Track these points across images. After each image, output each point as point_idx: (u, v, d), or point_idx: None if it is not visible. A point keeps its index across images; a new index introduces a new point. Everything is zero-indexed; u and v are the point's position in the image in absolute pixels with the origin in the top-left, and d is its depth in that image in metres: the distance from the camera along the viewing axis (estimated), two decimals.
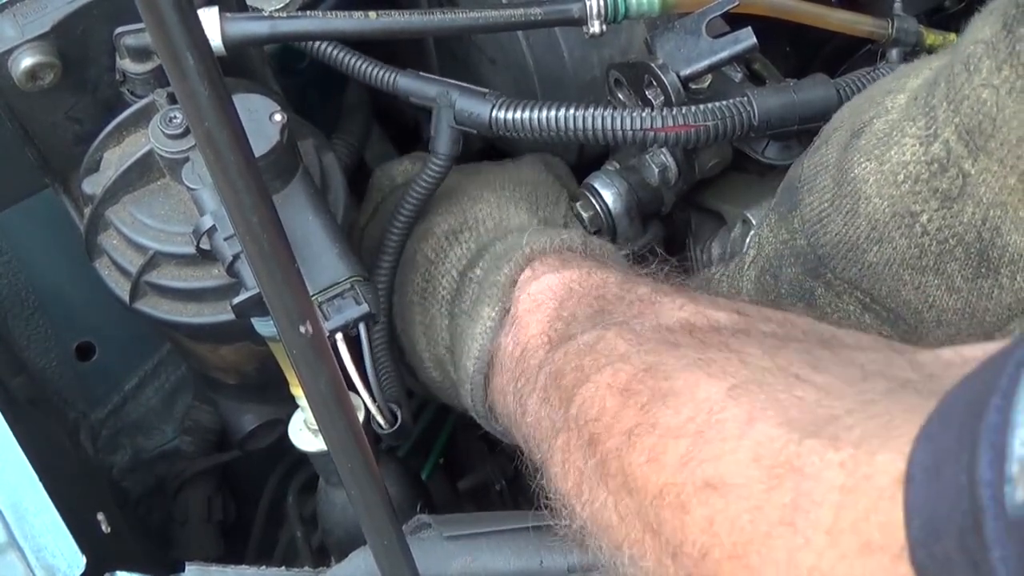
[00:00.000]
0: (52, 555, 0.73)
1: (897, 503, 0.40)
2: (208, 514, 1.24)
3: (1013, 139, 0.56)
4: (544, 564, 0.72)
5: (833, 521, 0.43)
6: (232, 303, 0.75)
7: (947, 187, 0.60)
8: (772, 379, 0.51)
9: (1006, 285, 0.60)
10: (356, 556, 0.72)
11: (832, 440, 0.45)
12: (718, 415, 0.51)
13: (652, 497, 0.52)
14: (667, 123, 0.82)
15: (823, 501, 0.44)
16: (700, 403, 0.52)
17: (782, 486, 0.46)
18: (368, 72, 0.90)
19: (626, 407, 0.56)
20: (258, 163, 0.44)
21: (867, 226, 0.65)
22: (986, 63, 0.56)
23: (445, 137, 0.87)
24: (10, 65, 0.82)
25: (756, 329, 0.59)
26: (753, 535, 0.46)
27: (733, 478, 0.48)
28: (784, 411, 0.49)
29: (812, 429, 0.47)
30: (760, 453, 0.48)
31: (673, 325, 0.62)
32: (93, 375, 1.21)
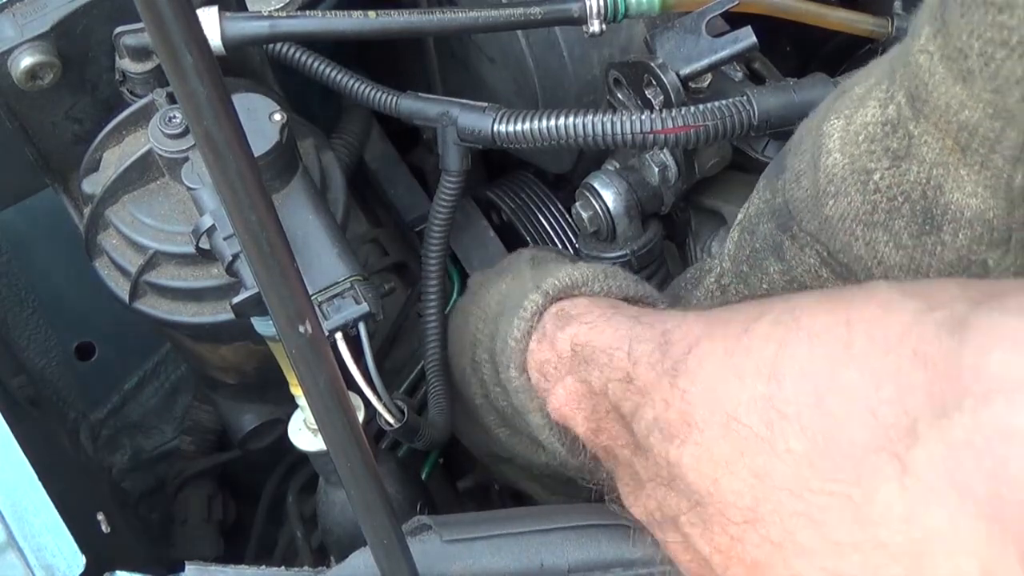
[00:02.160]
0: (52, 555, 0.73)
1: None
2: (208, 514, 1.24)
3: (942, 104, 0.57)
4: (544, 566, 0.72)
5: None
6: (232, 303, 0.75)
7: (896, 146, 0.62)
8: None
9: (948, 242, 0.61)
10: (356, 557, 0.72)
11: None
12: None
13: None
14: (667, 125, 0.82)
15: None
16: None
17: None
18: (369, 95, 0.91)
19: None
20: (257, 163, 0.44)
21: (825, 180, 0.67)
22: (925, 29, 0.58)
23: (453, 155, 0.89)
24: (10, 65, 0.82)
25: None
26: None
27: None
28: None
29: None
30: None
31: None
32: (93, 375, 1.21)
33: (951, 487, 0.46)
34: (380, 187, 1.21)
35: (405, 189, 1.20)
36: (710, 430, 0.58)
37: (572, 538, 0.72)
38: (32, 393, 1.10)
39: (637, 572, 0.70)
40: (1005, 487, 0.44)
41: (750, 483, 0.55)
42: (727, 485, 0.57)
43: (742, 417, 0.56)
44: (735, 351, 0.59)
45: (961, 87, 0.55)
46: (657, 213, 0.96)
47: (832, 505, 0.51)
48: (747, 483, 0.55)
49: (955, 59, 0.55)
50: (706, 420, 0.59)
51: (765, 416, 0.55)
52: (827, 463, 0.51)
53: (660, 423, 0.62)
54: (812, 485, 0.52)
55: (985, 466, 0.44)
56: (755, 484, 0.55)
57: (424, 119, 0.89)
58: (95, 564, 0.73)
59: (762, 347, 0.57)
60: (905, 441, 0.48)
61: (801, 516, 0.52)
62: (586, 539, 0.72)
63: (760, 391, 0.55)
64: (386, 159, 1.22)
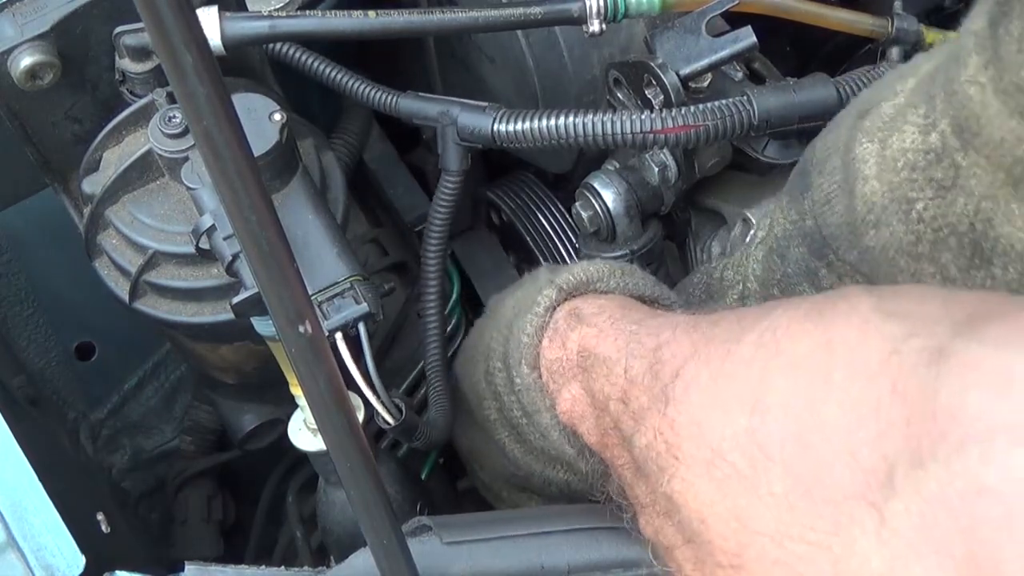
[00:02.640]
0: (52, 555, 0.73)
1: None
2: (208, 514, 1.23)
3: (997, 137, 0.56)
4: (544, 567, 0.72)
5: None
6: (231, 302, 0.75)
7: (941, 176, 0.60)
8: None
9: (998, 276, 0.60)
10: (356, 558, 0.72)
11: None
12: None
13: None
14: (667, 124, 0.82)
15: None
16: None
17: None
18: (369, 95, 0.91)
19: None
20: (257, 163, 0.44)
21: (864, 208, 0.65)
22: (974, 59, 0.56)
23: (453, 154, 0.89)
24: (10, 65, 0.82)
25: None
26: None
27: None
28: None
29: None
30: None
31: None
32: (93, 375, 1.21)
33: (928, 545, 0.45)
34: (380, 187, 1.21)
35: (405, 189, 1.20)
36: (696, 466, 0.57)
37: (572, 540, 0.72)
38: (32, 393, 1.10)
39: (637, 574, 0.70)
40: (979, 548, 0.43)
41: (733, 526, 0.55)
42: (713, 526, 0.56)
43: (726, 454, 0.55)
44: (719, 376, 0.58)
45: (1018, 122, 0.54)
46: (657, 213, 0.96)
47: (811, 556, 0.50)
48: (731, 526, 0.55)
49: (1012, 94, 0.54)
50: (692, 455, 0.58)
51: (748, 453, 0.54)
52: (807, 509, 0.51)
53: (652, 452, 0.61)
54: (792, 532, 0.51)
55: (960, 525, 0.44)
56: (738, 528, 0.54)
57: (424, 119, 0.89)
58: (95, 564, 0.73)
59: (745, 374, 0.56)
60: (883, 491, 0.47)
61: (782, 565, 0.52)
62: (586, 541, 0.72)
63: (743, 425, 0.55)
64: (386, 159, 1.22)
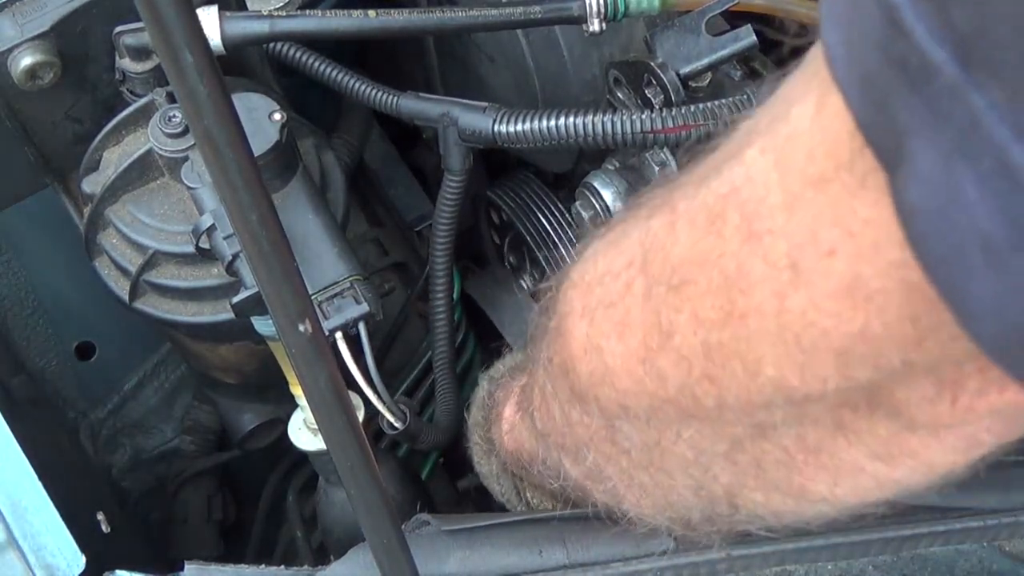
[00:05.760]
0: (52, 554, 0.73)
1: (834, 111, 0.40)
2: (208, 514, 1.23)
3: None
4: (543, 555, 0.72)
5: (783, 196, 0.43)
6: (231, 302, 0.75)
7: None
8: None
9: None
10: (354, 554, 0.72)
11: (736, 155, 0.46)
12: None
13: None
14: (667, 124, 0.82)
15: (769, 205, 0.44)
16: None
17: (721, 221, 0.47)
18: (370, 95, 0.91)
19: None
20: (257, 162, 0.44)
21: None
22: None
23: (455, 154, 0.89)
24: (10, 64, 0.82)
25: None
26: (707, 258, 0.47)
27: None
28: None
29: (712, 175, 0.48)
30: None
31: None
32: (93, 375, 1.21)
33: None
34: (380, 187, 1.21)
35: (405, 189, 1.20)
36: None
37: (571, 528, 0.72)
38: (32, 393, 1.10)
39: (637, 566, 0.70)
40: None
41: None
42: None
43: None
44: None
45: None
46: None
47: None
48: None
49: None
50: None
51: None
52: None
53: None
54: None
55: None
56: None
57: (425, 119, 0.89)
58: (95, 564, 0.73)
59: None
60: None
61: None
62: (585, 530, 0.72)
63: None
64: (386, 159, 1.22)
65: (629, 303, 0.53)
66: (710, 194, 0.48)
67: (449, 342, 0.95)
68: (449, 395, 0.93)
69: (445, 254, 0.94)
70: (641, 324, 0.53)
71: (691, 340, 0.50)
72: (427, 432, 0.88)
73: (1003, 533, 0.73)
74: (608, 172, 0.95)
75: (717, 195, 0.47)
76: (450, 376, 0.94)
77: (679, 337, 0.50)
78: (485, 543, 0.72)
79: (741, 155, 0.46)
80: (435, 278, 0.94)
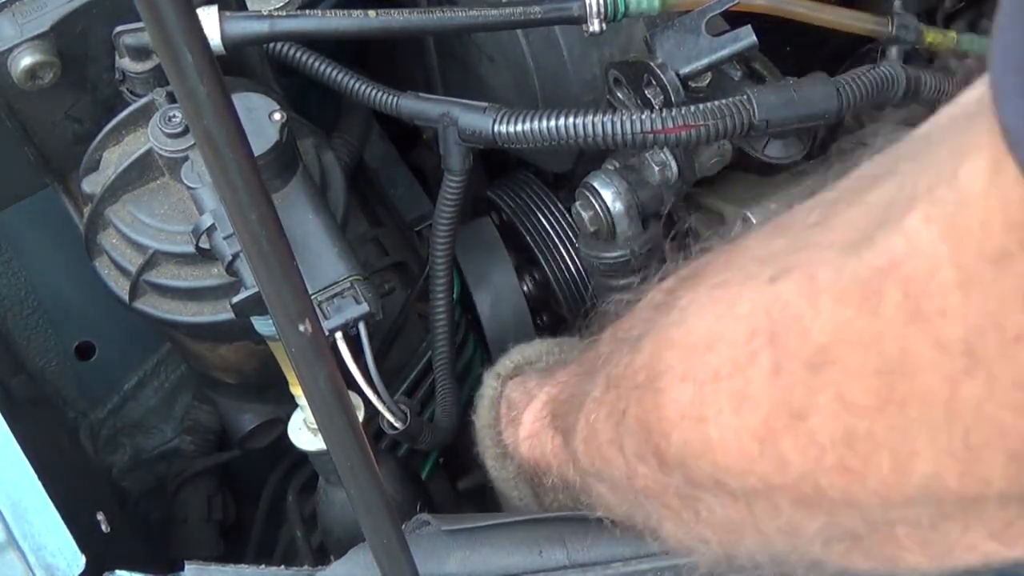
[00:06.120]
0: (52, 554, 0.73)
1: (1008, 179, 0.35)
2: (208, 514, 1.23)
3: None
4: (543, 556, 0.72)
5: (956, 272, 0.38)
6: (231, 302, 0.75)
7: None
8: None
9: None
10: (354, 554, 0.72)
11: (894, 222, 0.41)
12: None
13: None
14: (667, 124, 0.82)
15: (939, 282, 0.39)
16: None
17: (877, 298, 0.42)
18: (370, 95, 0.91)
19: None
20: (257, 162, 0.44)
21: None
22: None
23: (455, 154, 0.89)
24: (9, 64, 0.82)
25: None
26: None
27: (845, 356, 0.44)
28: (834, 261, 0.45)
29: (862, 243, 0.43)
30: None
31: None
32: (93, 375, 1.21)
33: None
34: (380, 187, 1.21)
35: (405, 189, 1.20)
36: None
37: (571, 528, 0.72)
38: (32, 393, 1.10)
39: (637, 567, 0.70)
40: None
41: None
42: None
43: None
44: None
45: None
46: (657, 213, 0.96)
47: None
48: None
49: None
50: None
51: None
52: None
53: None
54: None
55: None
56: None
57: (425, 120, 0.89)
58: (95, 564, 0.73)
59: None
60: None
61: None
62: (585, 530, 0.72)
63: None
64: (386, 159, 1.22)
65: (752, 376, 0.48)
66: (863, 266, 0.43)
67: (449, 342, 0.95)
68: (449, 395, 0.93)
69: (445, 254, 0.94)
70: (767, 401, 0.48)
71: (830, 425, 0.45)
72: (427, 432, 0.88)
73: None
74: (608, 172, 0.95)
75: (872, 268, 0.42)
76: (450, 376, 0.94)
77: (815, 420, 0.45)
78: (485, 543, 0.72)
79: (900, 222, 0.41)
80: (435, 278, 0.94)
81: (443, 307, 0.95)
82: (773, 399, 0.47)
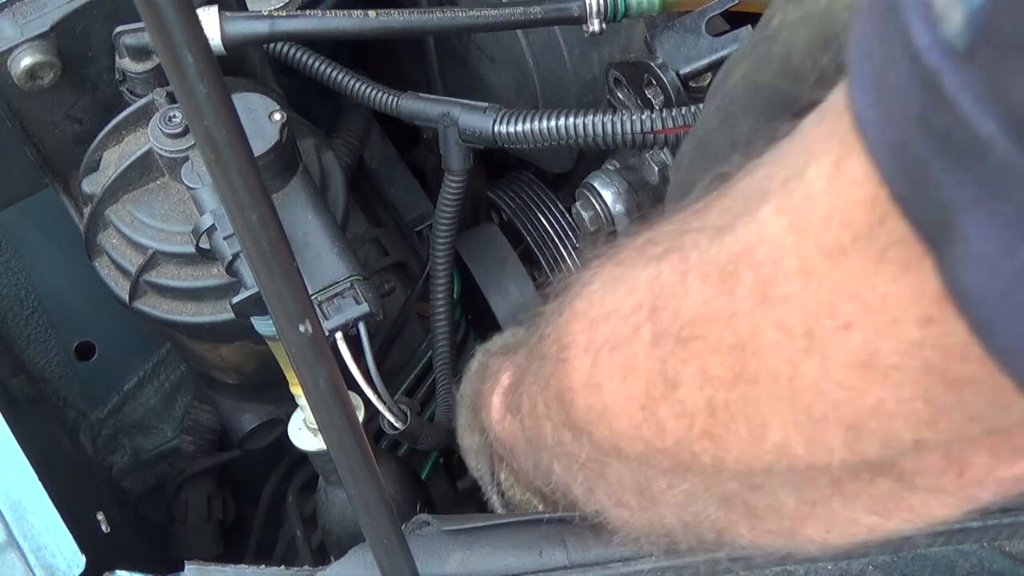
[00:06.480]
0: (52, 554, 0.73)
1: (860, 174, 0.38)
2: (208, 514, 1.23)
3: None
4: (543, 556, 0.72)
5: (798, 262, 0.42)
6: (232, 302, 0.75)
7: None
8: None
9: None
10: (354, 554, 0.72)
11: (752, 211, 0.44)
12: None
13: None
14: (667, 125, 0.82)
15: (784, 270, 0.42)
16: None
17: (734, 280, 0.45)
18: (370, 95, 0.91)
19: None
20: (257, 162, 0.44)
21: None
22: None
23: (455, 154, 0.89)
24: (10, 64, 0.82)
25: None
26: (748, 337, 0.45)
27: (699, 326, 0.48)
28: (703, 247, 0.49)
29: (726, 229, 0.47)
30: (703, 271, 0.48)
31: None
32: (93, 375, 1.21)
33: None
34: (380, 187, 1.21)
35: (405, 189, 1.20)
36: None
37: (571, 529, 0.72)
38: (32, 393, 1.10)
39: (637, 567, 0.70)
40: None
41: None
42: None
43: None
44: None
45: None
46: None
47: None
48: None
49: None
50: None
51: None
52: None
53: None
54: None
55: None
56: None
57: (425, 120, 0.90)
58: (95, 564, 0.73)
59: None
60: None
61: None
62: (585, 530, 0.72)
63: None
64: (386, 159, 1.22)
65: (636, 347, 0.52)
66: (723, 250, 0.46)
67: (449, 342, 0.95)
68: (449, 395, 0.93)
69: (445, 254, 0.94)
70: (646, 371, 0.51)
71: (696, 396, 0.49)
72: (427, 432, 0.88)
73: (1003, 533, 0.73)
74: (608, 172, 0.95)
75: (731, 252, 0.46)
76: (450, 376, 0.94)
77: (684, 390, 0.49)
78: (485, 543, 0.72)
79: (756, 212, 0.44)
80: (435, 278, 0.94)
81: (443, 307, 0.95)
82: (652, 369, 0.51)
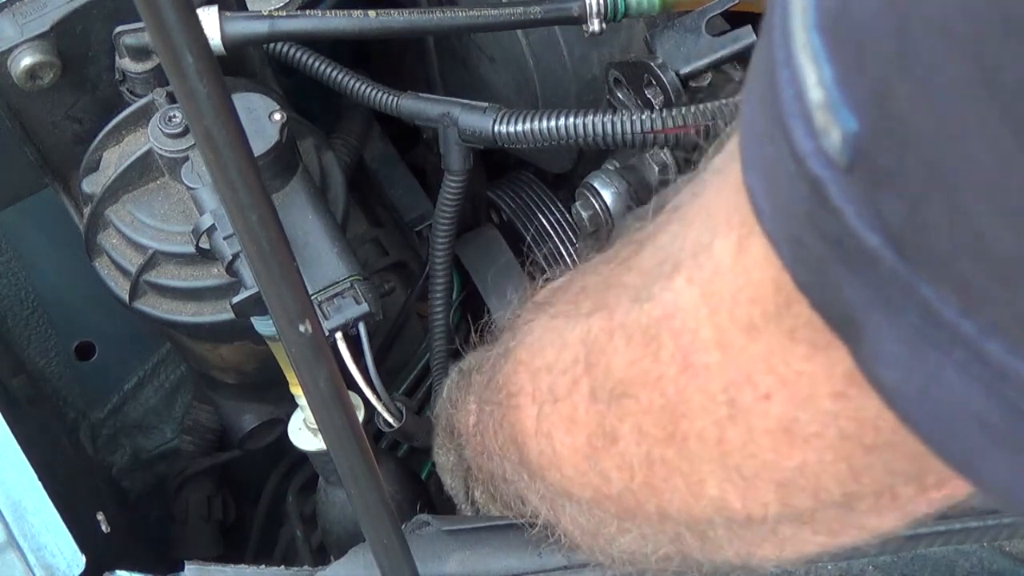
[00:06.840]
0: (52, 554, 0.73)
1: (758, 253, 0.38)
2: (208, 514, 1.23)
3: None
4: (543, 556, 0.72)
5: (715, 334, 0.42)
6: (232, 302, 0.75)
7: None
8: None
9: None
10: (354, 554, 0.72)
11: (667, 277, 0.45)
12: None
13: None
14: (667, 124, 0.82)
15: (701, 339, 0.43)
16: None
17: (656, 344, 0.46)
18: (370, 95, 0.91)
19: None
20: (257, 162, 0.44)
21: None
22: None
23: (455, 154, 0.89)
24: (10, 64, 0.82)
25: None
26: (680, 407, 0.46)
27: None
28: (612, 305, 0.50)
29: (644, 292, 0.47)
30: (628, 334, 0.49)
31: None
32: (93, 375, 1.21)
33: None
34: (380, 187, 1.21)
35: (405, 189, 1.20)
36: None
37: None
38: (32, 393, 1.10)
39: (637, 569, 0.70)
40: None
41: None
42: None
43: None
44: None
45: None
46: None
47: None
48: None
49: None
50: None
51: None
52: None
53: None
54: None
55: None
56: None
57: (425, 120, 0.89)
58: (95, 564, 0.73)
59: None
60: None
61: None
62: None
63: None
64: (386, 159, 1.22)
65: (576, 400, 0.53)
66: (643, 314, 0.47)
67: (448, 342, 0.95)
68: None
69: (445, 254, 0.94)
70: (586, 424, 0.53)
71: (634, 450, 0.50)
72: (424, 431, 0.88)
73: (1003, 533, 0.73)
74: (608, 172, 0.95)
75: (651, 317, 0.47)
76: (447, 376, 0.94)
77: (623, 444, 0.50)
78: (485, 543, 0.72)
79: (670, 280, 0.45)
80: (435, 278, 0.94)
81: (442, 307, 0.95)
82: (591, 423, 0.52)
